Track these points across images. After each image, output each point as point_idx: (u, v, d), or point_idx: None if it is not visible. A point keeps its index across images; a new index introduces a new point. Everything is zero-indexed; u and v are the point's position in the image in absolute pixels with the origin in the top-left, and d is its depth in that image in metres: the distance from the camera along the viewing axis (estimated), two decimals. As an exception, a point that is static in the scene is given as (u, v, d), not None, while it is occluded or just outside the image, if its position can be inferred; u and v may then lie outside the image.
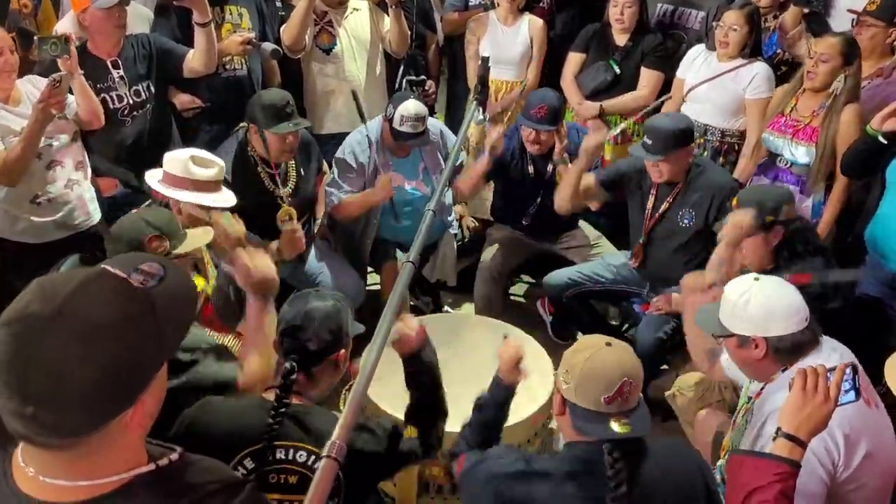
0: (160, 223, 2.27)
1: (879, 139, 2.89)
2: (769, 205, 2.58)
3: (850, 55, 3.15)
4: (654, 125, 3.10)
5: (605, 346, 1.74)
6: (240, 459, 1.81)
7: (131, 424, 1.06)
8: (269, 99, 3.05)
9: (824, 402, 1.56)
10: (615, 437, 1.66)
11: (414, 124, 3.35)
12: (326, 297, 1.95)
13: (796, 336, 2.01)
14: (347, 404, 1.23)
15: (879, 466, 1.96)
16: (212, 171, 2.67)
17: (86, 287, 1.03)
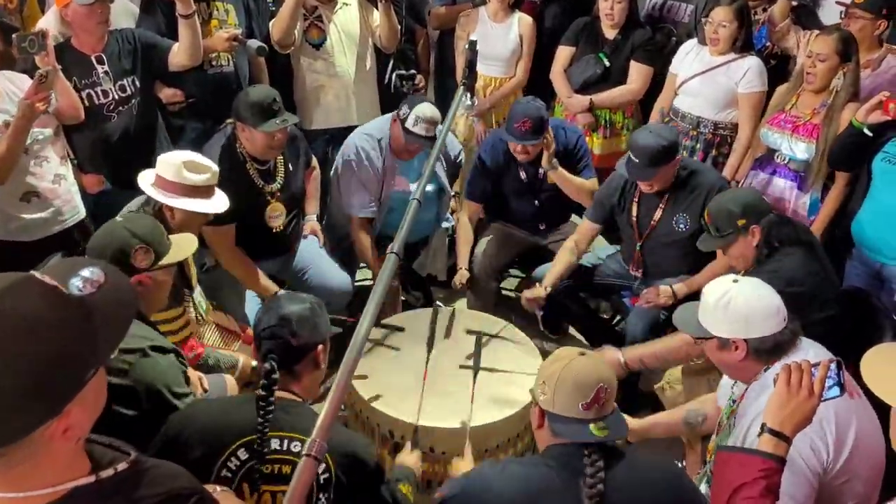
0: (145, 233, 2.19)
1: (865, 131, 2.91)
2: (736, 209, 2.63)
3: (846, 52, 3.16)
4: (638, 144, 3.05)
5: (579, 355, 1.80)
6: (234, 450, 1.83)
7: (55, 436, 1.01)
8: (255, 96, 3.02)
9: (809, 398, 1.56)
10: (594, 440, 1.71)
11: (427, 127, 3.31)
12: (300, 299, 1.98)
13: (776, 336, 2.01)
14: (327, 402, 1.23)
15: (866, 456, 1.96)
16: (205, 176, 2.66)
17: (12, 290, 0.99)
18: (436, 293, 4.11)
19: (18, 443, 0.98)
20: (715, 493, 1.58)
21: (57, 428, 1.00)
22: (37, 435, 0.99)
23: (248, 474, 1.84)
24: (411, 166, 3.58)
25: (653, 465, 1.83)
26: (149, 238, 2.19)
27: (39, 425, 0.98)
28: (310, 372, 1.96)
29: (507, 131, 3.43)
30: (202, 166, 2.68)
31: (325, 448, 1.15)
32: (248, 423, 1.83)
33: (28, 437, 0.98)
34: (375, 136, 3.49)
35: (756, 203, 2.67)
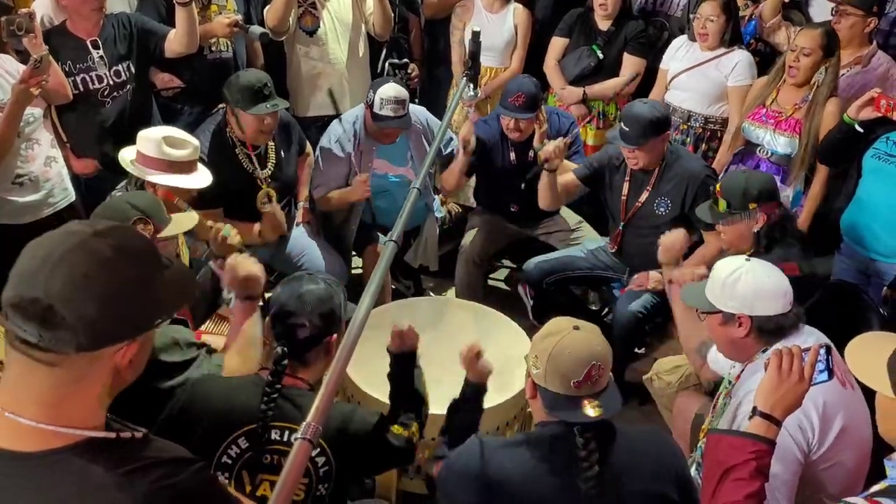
0: (144, 206, 2.25)
1: (856, 127, 2.94)
2: (753, 191, 2.62)
3: (830, 47, 3.19)
4: (631, 113, 3.11)
5: (573, 329, 1.75)
6: (234, 438, 1.84)
7: (122, 363, 1.13)
8: (245, 80, 3.02)
9: (799, 382, 1.59)
10: (587, 420, 1.69)
11: (395, 107, 3.33)
12: (319, 281, 1.96)
13: (780, 318, 2.05)
14: (323, 386, 1.23)
15: (853, 446, 2.00)
16: (186, 151, 2.64)
17: (125, 227, 1.23)
18: (425, 282, 4.13)
19: (92, 354, 1.09)
20: (706, 474, 1.60)
21: (126, 354, 1.13)
22: (110, 352, 1.11)
23: (248, 462, 1.85)
24: (393, 149, 3.58)
25: (646, 439, 1.84)
26: (148, 211, 2.24)
27: (121, 340, 1.11)
28: (321, 359, 1.94)
29: (501, 105, 3.46)
30: (182, 141, 2.66)
31: (319, 431, 1.15)
32: (251, 410, 1.83)
33: (102, 352, 1.10)
34: (349, 121, 3.51)
35: (772, 192, 2.68)
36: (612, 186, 3.37)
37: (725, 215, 2.68)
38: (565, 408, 1.71)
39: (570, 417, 1.71)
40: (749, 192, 2.62)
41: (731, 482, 1.52)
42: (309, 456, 1.14)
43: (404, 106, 3.35)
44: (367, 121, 3.47)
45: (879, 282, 2.97)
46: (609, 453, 1.71)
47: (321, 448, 1.85)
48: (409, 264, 3.96)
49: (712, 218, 2.77)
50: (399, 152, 3.60)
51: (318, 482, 1.87)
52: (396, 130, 3.46)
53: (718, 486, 1.53)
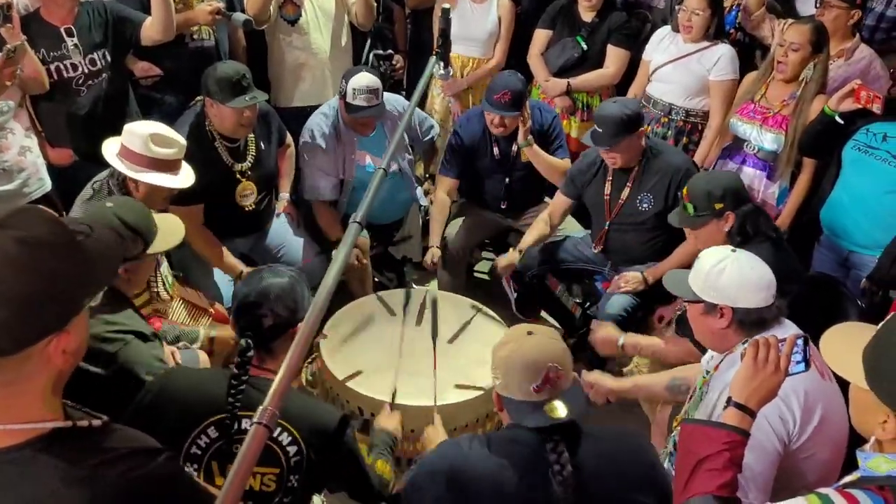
0: (135, 221, 2.18)
1: (836, 119, 2.94)
2: (717, 191, 2.63)
3: (819, 43, 3.18)
4: (601, 113, 3.09)
5: (527, 335, 1.76)
6: (203, 428, 1.83)
7: (54, 355, 1.10)
8: (223, 72, 2.99)
9: (774, 373, 1.59)
10: (550, 423, 1.68)
11: (368, 97, 3.30)
12: (282, 274, 1.95)
13: (762, 311, 2.05)
14: (281, 371, 1.22)
15: (830, 437, 2.00)
16: (172, 150, 2.63)
17: (26, 211, 1.13)
18: (409, 274, 4.12)
19: (19, 354, 1.06)
20: (679, 464, 1.59)
21: (57, 345, 1.10)
22: (39, 348, 1.08)
23: (218, 453, 1.84)
24: (374, 140, 3.56)
25: (617, 438, 1.83)
26: (139, 227, 2.19)
27: (46, 335, 1.08)
28: (287, 349, 1.93)
29: (487, 101, 3.44)
30: (169, 139, 2.64)
31: (276, 416, 1.13)
32: (220, 400, 1.82)
33: (30, 350, 1.07)
34: (328, 114, 3.49)
35: (737, 189, 2.68)
36: (594, 186, 3.37)
37: (694, 219, 2.69)
38: (529, 413, 1.71)
39: (534, 422, 1.70)
40: (713, 193, 2.62)
41: (704, 472, 1.51)
42: (264, 441, 1.12)
43: (377, 95, 3.33)
44: (341, 112, 3.45)
45: (858, 273, 2.98)
46: (579, 455, 1.69)
47: (293, 437, 1.84)
48: (393, 256, 3.95)
49: (681, 223, 2.77)
50: (379, 142, 3.58)
51: (290, 472, 1.86)
52: (371, 120, 3.44)
53: (691, 477, 1.53)
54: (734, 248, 2.16)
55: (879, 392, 1.32)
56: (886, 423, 1.31)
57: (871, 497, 1.31)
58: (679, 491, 1.56)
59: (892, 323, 1.37)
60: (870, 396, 1.33)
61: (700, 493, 1.50)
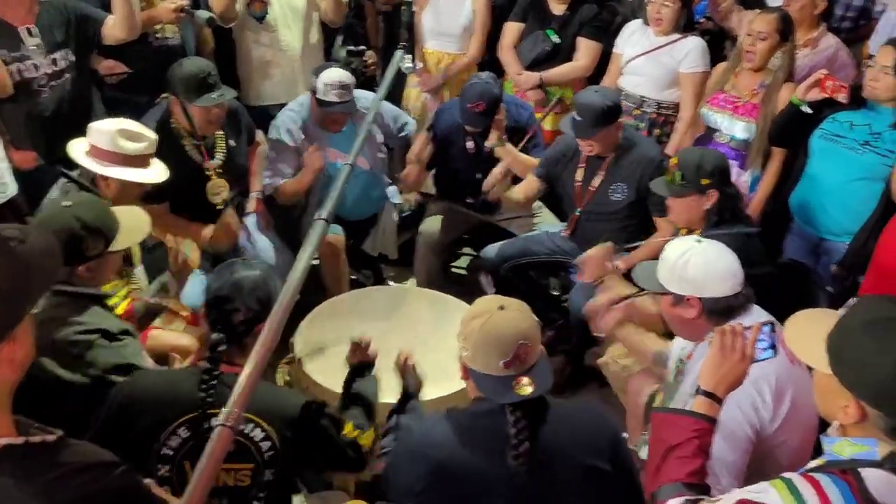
0: (93, 220, 2.13)
1: (803, 109, 2.97)
2: (707, 167, 2.63)
3: (786, 32, 3.21)
4: (582, 102, 3.10)
5: (498, 309, 1.74)
6: (174, 429, 1.82)
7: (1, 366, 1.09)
8: (189, 70, 2.96)
9: (741, 360, 1.61)
10: (516, 399, 1.69)
11: (339, 92, 3.29)
12: (254, 266, 1.94)
13: (730, 299, 2.07)
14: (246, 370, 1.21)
15: (801, 422, 2.02)
16: (142, 145, 2.59)
17: None
18: (386, 272, 4.11)
19: None
20: (651, 452, 1.61)
21: (3, 355, 1.10)
22: None
23: (190, 452, 1.83)
24: (345, 138, 3.53)
25: (577, 412, 1.85)
26: (98, 225, 2.15)
27: None
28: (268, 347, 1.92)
29: (460, 109, 3.42)
30: (138, 134, 2.60)
31: (241, 418, 1.13)
32: (190, 399, 1.82)
33: None
34: (297, 110, 3.46)
35: (724, 169, 2.69)
36: (567, 173, 3.37)
37: (678, 188, 2.68)
38: (496, 388, 1.72)
39: (501, 398, 1.71)
40: (703, 167, 2.63)
41: (674, 460, 1.53)
42: (229, 443, 1.11)
43: (349, 90, 3.32)
44: (312, 108, 3.42)
45: (829, 260, 3.01)
46: (540, 430, 1.71)
47: (266, 433, 1.84)
48: (369, 253, 3.93)
49: (664, 190, 2.77)
50: (349, 139, 3.54)
51: (265, 467, 1.85)
52: (343, 116, 3.42)
53: (662, 464, 1.55)
54: (699, 238, 2.18)
55: (842, 377, 1.33)
56: (848, 408, 1.33)
57: (835, 481, 1.32)
58: (650, 478, 1.58)
59: (854, 309, 1.38)
60: (833, 382, 1.35)
61: (670, 480, 1.52)
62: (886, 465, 1.31)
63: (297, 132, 3.44)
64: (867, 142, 2.87)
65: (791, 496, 1.32)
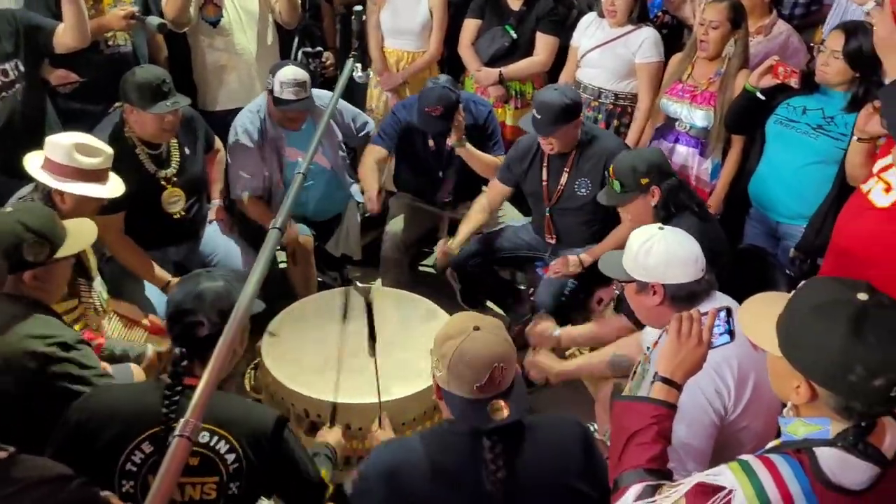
0: (39, 226, 2.11)
1: (757, 95, 3.00)
2: (641, 167, 2.68)
3: (737, 19, 3.24)
4: (542, 99, 3.11)
5: (473, 330, 1.71)
6: (138, 444, 1.79)
7: None
8: (143, 77, 2.93)
9: (697, 346, 1.62)
10: (491, 426, 1.67)
11: (296, 90, 3.27)
12: (217, 278, 1.91)
13: (692, 285, 2.10)
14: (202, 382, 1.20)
15: (763, 406, 2.05)
16: (98, 159, 2.57)
17: None
18: (351, 272, 4.09)
19: None
20: (612, 440, 1.62)
21: None
22: None
23: (154, 467, 1.80)
24: (304, 137, 3.50)
25: (553, 427, 1.83)
26: (43, 230, 2.12)
27: None
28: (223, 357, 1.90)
29: (418, 113, 3.42)
30: (95, 149, 2.58)
31: (198, 428, 1.12)
32: (153, 413, 1.79)
33: None
34: (254, 111, 3.44)
35: (661, 164, 2.73)
36: (531, 174, 3.38)
37: (621, 195, 2.74)
38: (470, 412, 1.69)
39: (476, 422, 1.68)
40: (637, 168, 2.68)
41: (634, 446, 1.54)
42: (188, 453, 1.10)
43: (305, 88, 3.30)
44: (269, 107, 3.40)
45: (787, 244, 3.05)
46: (517, 455, 1.69)
47: (230, 445, 1.82)
48: (333, 256, 3.92)
49: (609, 200, 2.83)
50: (308, 138, 3.52)
51: (230, 480, 1.83)
52: (301, 114, 3.40)
53: (623, 451, 1.56)
54: (661, 226, 2.21)
55: (791, 359, 1.35)
56: (800, 389, 1.35)
57: (788, 460, 1.34)
58: (613, 466, 1.59)
59: (801, 292, 1.40)
60: (784, 363, 1.37)
61: (631, 466, 1.53)
62: (838, 443, 1.33)
63: (254, 132, 3.42)
64: (820, 126, 2.91)
65: (746, 476, 1.35)
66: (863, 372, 1.26)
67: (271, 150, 3.46)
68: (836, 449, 1.33)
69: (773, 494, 1.31)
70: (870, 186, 2.57)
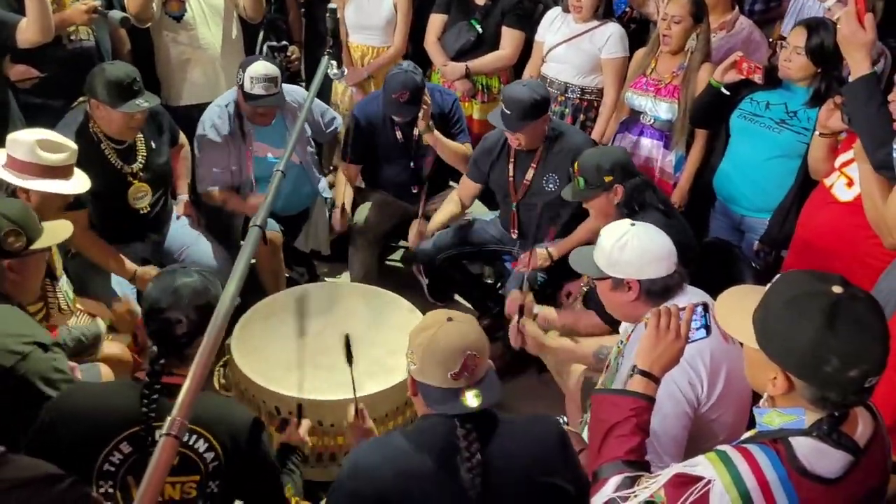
0: (16, 216, 2.12)
1: (722, 90, 3.05)
2: (606, 165, 2.71)
3: (699, 14, 3.29)
4: (511, 95, 3.12)
5: (447, 321, 1.74)
6: (116, 444, 1.77)
7: None
8: (113, 75, 2.87)
9: (675, 340, 1.65)
10: (465, 411, 1.69)
11: (266, 85, 3.24)
12: (193, 273, 1.88)
13: (666, 279, 2.13)
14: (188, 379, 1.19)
15: (735, 398, 2.09)
16: (62, 156, 2.52)
17: None
18: (319, 268, 4.07)
19: None
20: (591, 433, 1.64)
21: None
22: None
23: (133, 467, 1.78)
24: (273, 132, 3.50)
25: (529, 423, 1.84)
26: (20, 221, 2.11)
27: None
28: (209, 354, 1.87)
29: (385, 102, 3.41)
30: (59, 144, 2.53)
31: (185, 427, 1.11)
32: (130, 413, 1.76)
33: None
34: (223, 105, 3.41)
35: (625, 163, 2.77)
36: (498, 168, 3.40)
37: (585, 192, 2.77)
38: (445, 400, 1.71)
39: (450, 409, 1.70)
40: (602, 166, 2.71)
41: (613, 439, 1.56)
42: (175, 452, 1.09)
43: (276, 83, 3.28)
44: (240, 102, 3.37)
45: (752, 237, 3.11)
46: (491, 444, 1.70)
47: (209, 443, 1.80)
48: (302, 251, 3.89)
49: (573, 196, 2.86)
50: (277, 133, 3.52)
51: (209, 478, 1.82)
52: (271, 109, 3.38)
53: (602, 444, 1.58)
54: (633, 222, 2.22)
55: (768, 350, 1.38)
56: (776, 380, 1.38)
57: (765, 450, 1.37)
58: (592, 458, 1.61)
59: (776, 285, 1.43)
60: (760, 355, 1.40)
61: (610, 458, 1.55)
62: (813, 433, 1.36)
63: (222, 127, 3.38)
64: (783, 120, 2.97)
65: (723, 466, 1.37)
66: (837, 363, 1.29)
67: (239, 144, 3.43)
68: (811, 438, 1.36)
69: (751, 483, 1.34)
70: (832, 181, 2.65)
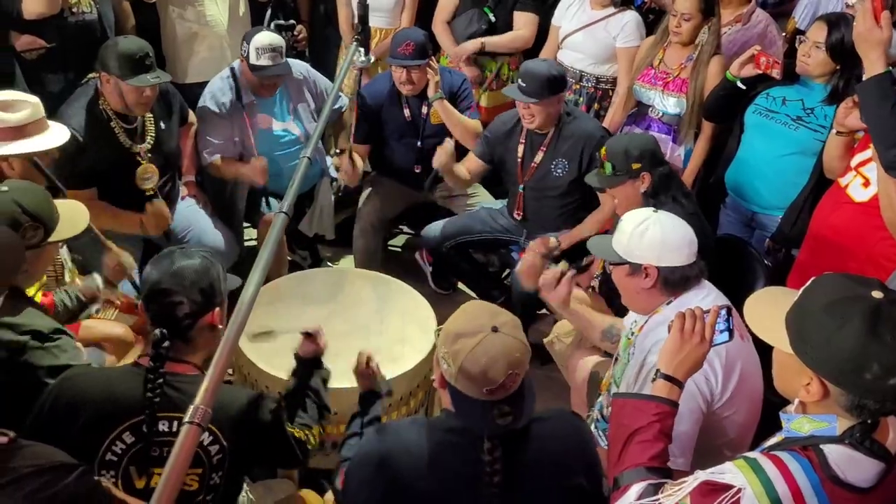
0: (35, 208, 2.04)
1: (738, 84, 3.02)
2: (634, 152, 2.67)
3: (709, 9, 3.25)
4: (529, 68, 3.11)
5: (492, 332, 1.60)
6: (118, 433, 1.73)
7: None
8: (126, 48, 2.82)
9: (700, 344, 1.61)
10: (494, 431, 1.61)
11: (272, 55, 3.23)
12: (193, 255, 1.83)
13: (685, 269, 2.11)
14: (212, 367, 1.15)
15: (748, 395, 2.08)
16: (26, 112, 2.39)
17: None
18: (323, 252, 4.03)
19: None
20: (612, 437, 1.61)
21: None
22: None
23: (135, 457, 1.75)
24: (275, 103, 3.48)
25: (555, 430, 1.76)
26: (38, 212, 2.05)
27: None
28: (206, 338, 1.82)
29: (391, 56, 3.41)
30: (18, 102, 2.41)
31: (209, 415, 1.07)
32: (134, 402, 1.72)
33: None
34: (225, 77, 3.39)
35: (654, 151, 2.72)
36: (508, 148, 3.36)
37: (612, 178, 2.72)
38: (474, 413, 1.62)
39: (479, 423, 1.62)
40: (631, 153, 2.67)
41: (636, 444, 1.53)
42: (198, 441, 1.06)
43: (282, 54, 3.27)
44: (245, 74, 3.34)
45: (763, 234, 3.08)
46: (517, 457, 1.64)
47: (214, 435, 1.77)
48: (305, 234, 3.84)
49: (599, 183, 2.81)
50: (279, 106, 3.49)
51: (212, 470, 1.79)
52: (277, 80, 3.35)
53: (624, 449, 1.54)
54: (655, 209, 2.20)
55: (803, 356, 1.35)
56: (810, 386, 1.35)
57: (797, 458, 1.35)
58: (613, 464, 1.57)
59: (812, 289, 1.40)
60: (794, 360, 1.37)
61: (633, 465, 1.52)
62: (846, 440, 1.34)
63: (223, 98, 3.36)
64: (800, 117, 2.93)
65: (754, 474, 1.34)
66: (879, 370, 1.26)
67: (242, 116, 3.39)
68: (844, 446, 1.33)
69: (783, 490, 1.31)
70: (848, 180, 2.61)
